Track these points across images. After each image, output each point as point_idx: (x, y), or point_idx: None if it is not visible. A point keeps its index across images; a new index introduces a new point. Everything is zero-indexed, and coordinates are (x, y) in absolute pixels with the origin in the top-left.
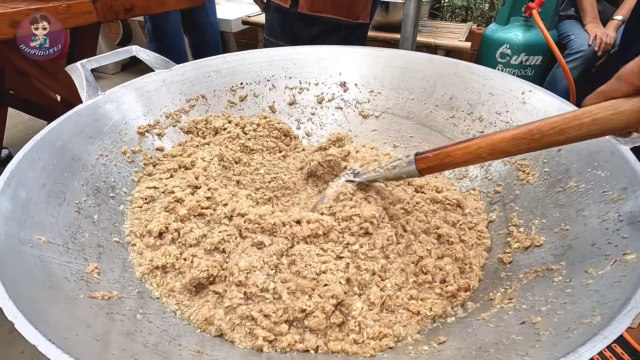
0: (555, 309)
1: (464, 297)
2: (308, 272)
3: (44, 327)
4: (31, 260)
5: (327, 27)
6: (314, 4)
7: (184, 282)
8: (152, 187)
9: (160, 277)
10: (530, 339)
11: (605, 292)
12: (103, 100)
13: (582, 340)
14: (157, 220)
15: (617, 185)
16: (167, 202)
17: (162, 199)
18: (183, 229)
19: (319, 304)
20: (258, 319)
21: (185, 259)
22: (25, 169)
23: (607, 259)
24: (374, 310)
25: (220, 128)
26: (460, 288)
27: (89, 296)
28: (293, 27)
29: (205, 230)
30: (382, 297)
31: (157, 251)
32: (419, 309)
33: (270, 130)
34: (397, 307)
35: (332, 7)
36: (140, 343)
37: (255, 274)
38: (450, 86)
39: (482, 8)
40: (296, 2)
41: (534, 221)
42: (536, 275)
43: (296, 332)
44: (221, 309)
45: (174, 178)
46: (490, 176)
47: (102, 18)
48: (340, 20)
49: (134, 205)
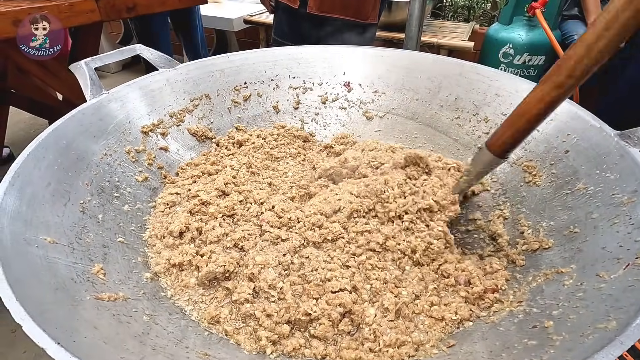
0: (568, 313)
1: (491, 299)
2: (314, 278)
3: (52, 329)
4: (37, 261)
5: (335, 28)
6: (323, 5)
7: (199, 276)
8: (174, 192)
9: (176, 274)
10: (544, 344)
11: (619, 297)
12: (107, 99)
13: (599, 346)
14: (179, 220)
15: (628, 188)
16: (193, 204)
17: (185, 203)
18: (206, 227)
19: (326, 311)
20: (260, 319)
21: (202, 255)
22: (30, 168)
23: (620, 263)
24: (389, 317)
25: (244, 140)
26: (487, 289)
27: (96, 297)
28: (302, 28)
29: (228, 230)
30: (397, 303)
31: (175, 250)
32: (442, 314)
33: (290, 138)
34: (417, 314)
35: (341, 8)
36: (149, 345)
37: (269, 270)
38: (456, 87)
39: (484, 7)
40: (305, 3)
41: (542, 223)
42: (546, 278)
43: (301, 337)
44: (226, 307)
45: (197, 183)
46: (495, 177)
47: (104, 17)
48: (349, 20)
49: (156, 211)
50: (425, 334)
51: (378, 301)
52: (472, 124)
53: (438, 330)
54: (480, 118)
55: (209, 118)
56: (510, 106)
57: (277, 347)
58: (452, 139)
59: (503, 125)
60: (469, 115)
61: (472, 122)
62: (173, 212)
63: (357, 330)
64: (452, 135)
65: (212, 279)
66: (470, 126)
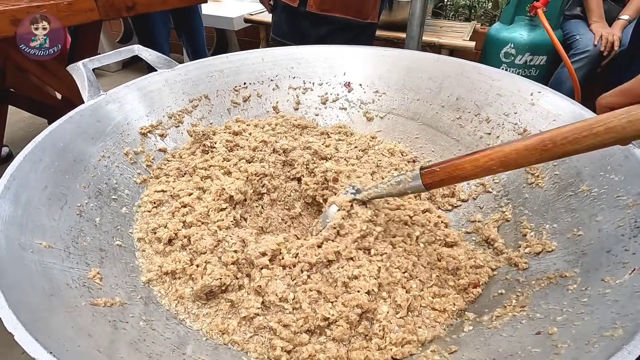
0: (572, 319)
1: (474, 294)
2: (340, 275)
3: (44, 338)
4: (32, 266)
5: (335, 27)
6: (323, 3)
7: (195, 289)
8: (160, 190)
9: (169, 283)
10: (548, 352)
11: (625, 303)
12: (105, 101)
13: (606, 356)
14: (166, 227)
15: (632, 190)
16: (176, 206)
17: (169, 203)
18: (193, 237)
19: (343, 313)
20: (277, 330)
21: (197, 266)
22: (26, 170)
23: (625, 267)
24: (400, 314)
25: (240, 132)
26: (470, 283)
27: (91, 303)
28: (301, 27)
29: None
30: (408, 299)
31: (166, 257)
32: (444, 306)
33: (288, 127)
34: (423, 307)
35: (341, 7)
36: (145, 353)
37: (276, 282)
38: (457, 87)
39: (485, 7)
40: (305, 1)
41: (545, 226)
42: (549, 282)
43: (317, 342)
44: (235, 319)
45: (182, 182)
46: (497, 179)
47: (104, 16)
48: (349, 19)
49: (142, 210)
50: (431, 330)
51: (390, 297)
52: (473, 124)
53: (442, 322)
54: (482, 118)
55: (208, 119)
56: (512, 106)
57: (291, 355)
58: (454, 139)
59: (443, 167)
60: (471, 116)
61: (474, 123)
62: (160, 212)
63: (370, 325)
64: (454, 136)
65: (209, 293)
66: (471, 127)
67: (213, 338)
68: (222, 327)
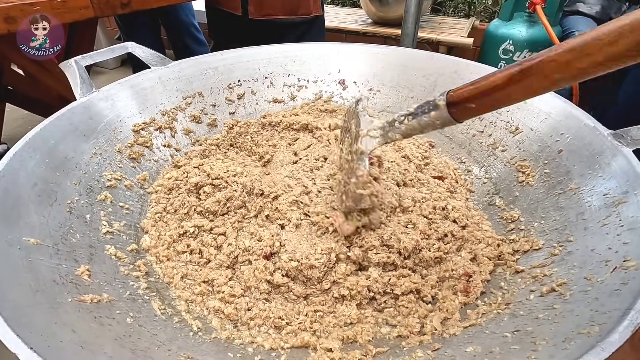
0: (553, 317)
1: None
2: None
3: (26, 334)
4: (18, 262)
5: (282, 28)
6: (263, 8)
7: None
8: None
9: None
10: (526, 349)
11: (604, 301)
12: (97, 98)
13: (580, 353)
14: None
15: (619, 189)
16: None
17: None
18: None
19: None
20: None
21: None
22: (16, 168)
23: (608, 266)
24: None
25: (235, 123)
26: (465, 273)
27: (78, 300)
28: (250, 34)
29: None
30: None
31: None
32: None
33: (315, 113)
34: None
35: (281, 8)
36: (128, 349)
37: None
38: (451, 84)
39: (485, 3)
40: (246, 10)
41: (534, 224)
42: (534, 280)
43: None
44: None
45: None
46: (488, 176)
47: (98, 13)
48: (292, 19)
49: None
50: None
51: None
52: (466, 122)
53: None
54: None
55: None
56: None
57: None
58: (447, 137)
59: (476, 87)
60: None
61: (467, 121)
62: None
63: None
64: (447, 134)
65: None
66: (464, 124)
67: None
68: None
